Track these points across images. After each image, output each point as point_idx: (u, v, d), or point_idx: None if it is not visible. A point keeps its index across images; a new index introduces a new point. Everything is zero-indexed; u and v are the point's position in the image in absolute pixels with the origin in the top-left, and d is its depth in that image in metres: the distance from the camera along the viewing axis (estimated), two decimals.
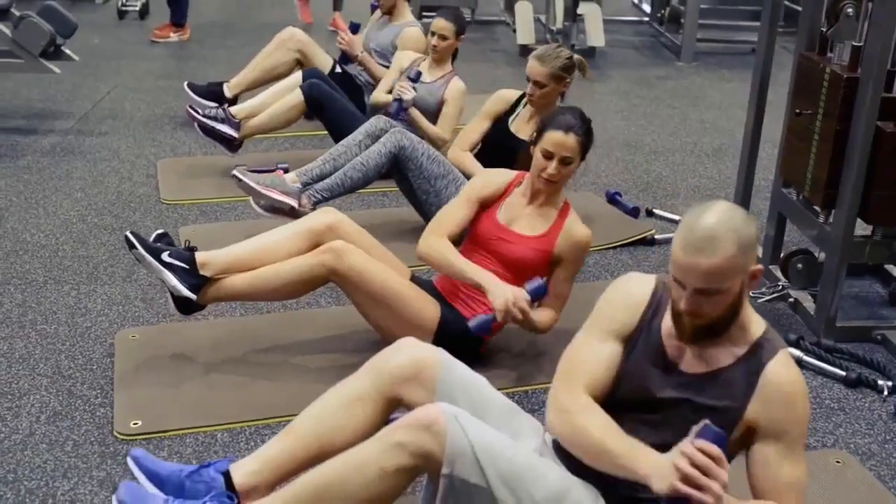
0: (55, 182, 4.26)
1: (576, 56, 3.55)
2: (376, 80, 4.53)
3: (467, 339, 2.76)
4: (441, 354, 2.07)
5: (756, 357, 1.84)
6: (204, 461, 2.40)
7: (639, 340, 1.92)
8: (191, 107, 4.45)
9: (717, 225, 1.73)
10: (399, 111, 4.01)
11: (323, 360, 2.88)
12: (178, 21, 6.92)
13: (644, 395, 1.89)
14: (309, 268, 2.71)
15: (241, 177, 3.52)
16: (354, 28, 4.66)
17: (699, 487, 1.66)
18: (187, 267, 2.70)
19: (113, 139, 4.85)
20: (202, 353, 2.87)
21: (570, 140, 2.70)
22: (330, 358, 2.89)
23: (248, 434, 2.54)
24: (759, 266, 1.80)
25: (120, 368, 2.80)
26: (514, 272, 2.77)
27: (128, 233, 2.72)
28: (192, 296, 2.72)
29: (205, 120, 4.32)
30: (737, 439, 1.85)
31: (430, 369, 2.03)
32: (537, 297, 2.68)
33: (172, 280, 2.69)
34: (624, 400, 1.92)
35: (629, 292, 1.97)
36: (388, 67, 4.54)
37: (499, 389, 2.13)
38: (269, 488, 2.00)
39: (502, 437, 1.88)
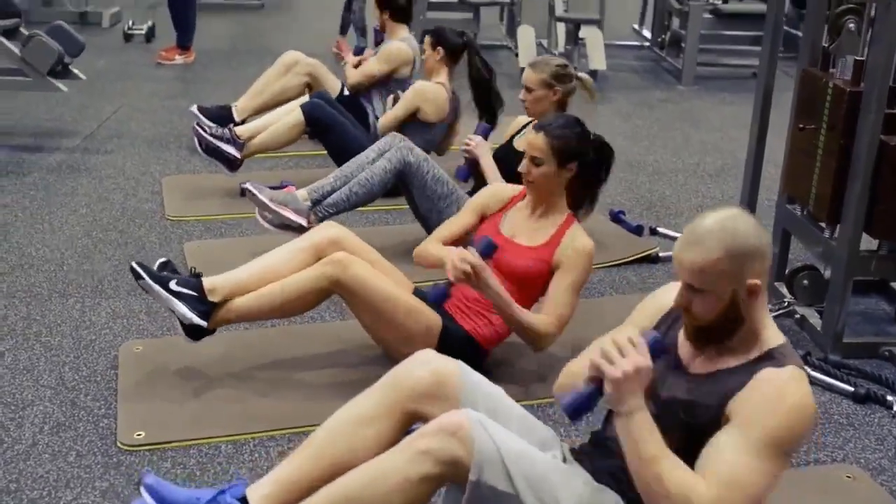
0: (61, 198, 4.27)
1: (584, 75, 3.56)
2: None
3: (468, 350, 2.74)
4: (461, 366, 2.03)
5: (760, 363, 1.80)
6: (208, 471, 2.40)
7: None
8: (198, 124, 4.45)
9: (712, 226, 1.75)
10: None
11: (326, 375, 2.86)
12: (183, 44, 6.97)
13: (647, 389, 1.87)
14: (312, 281, 2.70)
15: (255, 192, 3.48)
16: (359, 51, 4.65)
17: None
18: (196, 294, 2.68)
19: (118, 157, 4.87)
20: (206, 366, 2.86)
21: (539, 140, 2.73)
22: (333, 372, 2.88)
23: (251, 446, 2.52)
24: (757, 281, 1.76)
25: (124, 380, 2.79)
26: (516, 283, 2.77)
27: (133, 263, 2.69)
28: (203, 323, 2.69)
29: (210, 138, 4.33)
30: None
31: (453, 383, 1.98)
32: (487, 253, 2.62)
33: (182, 308, 2.66)
34: None
35: (657, 298, 2.03)
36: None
37: None
38: None
39: (527, 444, 1.87)
